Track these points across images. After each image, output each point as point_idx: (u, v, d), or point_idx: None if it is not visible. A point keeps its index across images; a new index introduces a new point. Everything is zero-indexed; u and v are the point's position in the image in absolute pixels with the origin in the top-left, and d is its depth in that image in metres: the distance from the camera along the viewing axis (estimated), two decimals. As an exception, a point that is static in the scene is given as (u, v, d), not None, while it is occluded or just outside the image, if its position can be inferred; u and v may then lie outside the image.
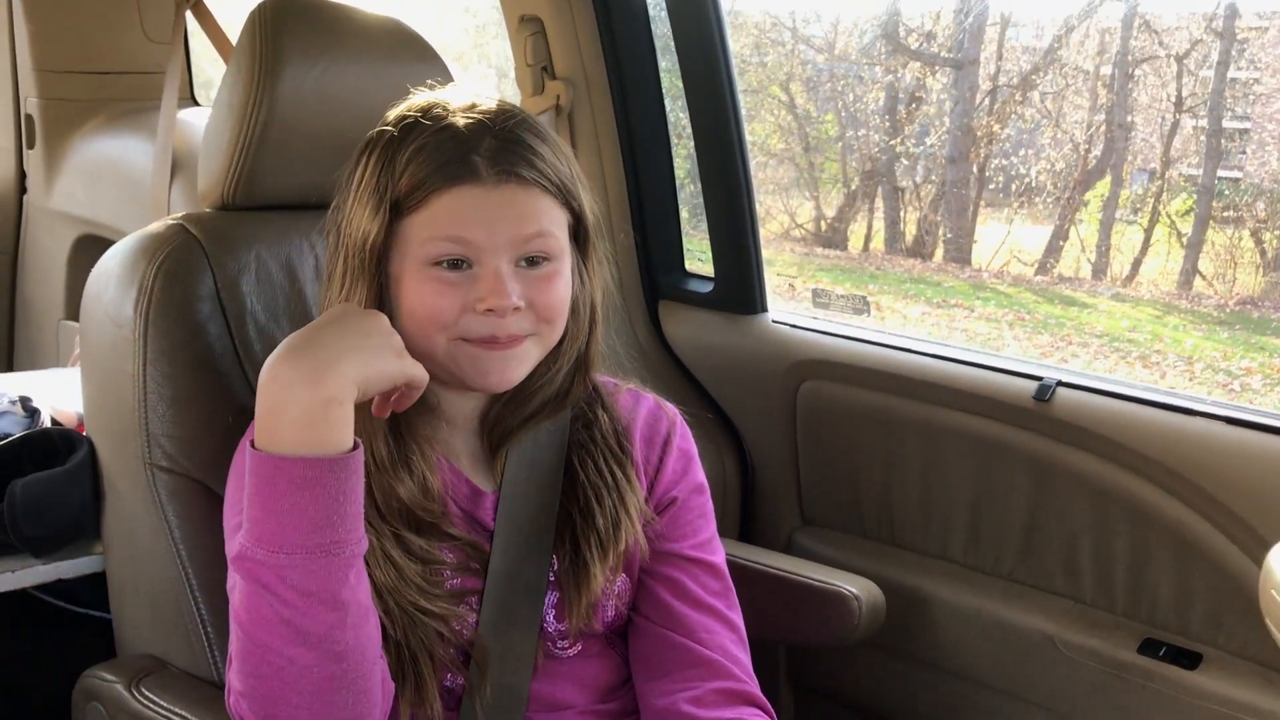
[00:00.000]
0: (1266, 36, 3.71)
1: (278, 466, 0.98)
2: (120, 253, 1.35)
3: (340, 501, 0.99)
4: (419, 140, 1.10)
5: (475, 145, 1.09)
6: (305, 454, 0.98)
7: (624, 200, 2.09)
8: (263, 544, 0.98)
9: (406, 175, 1.09)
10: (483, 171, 1.09)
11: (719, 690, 1.19)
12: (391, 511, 1.12)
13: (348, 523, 1.00)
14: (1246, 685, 1.50)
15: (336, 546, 0.99)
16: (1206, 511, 1.53)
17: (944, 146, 4.23)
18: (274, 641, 0.99)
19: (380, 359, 1.03)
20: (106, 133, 2.59)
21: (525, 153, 1.10)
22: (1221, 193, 3.77)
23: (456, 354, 1.11)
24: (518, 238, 1.10)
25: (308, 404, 0.98)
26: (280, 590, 0.98)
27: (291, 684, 1.00)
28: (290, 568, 0.98)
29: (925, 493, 1.80)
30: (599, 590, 1.17)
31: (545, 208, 1.11)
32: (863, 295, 2.18)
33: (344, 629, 1.00)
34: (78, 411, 1.60)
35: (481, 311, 1.09)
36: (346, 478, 0.99)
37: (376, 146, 1.13)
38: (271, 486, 0.98)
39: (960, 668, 1.75)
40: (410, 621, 1.10)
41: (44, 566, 1.42)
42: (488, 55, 4.31)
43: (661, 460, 1.26)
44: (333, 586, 0.99)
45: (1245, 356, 3.51)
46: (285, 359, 1.00)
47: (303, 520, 0.98)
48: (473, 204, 1.08)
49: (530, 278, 1.11)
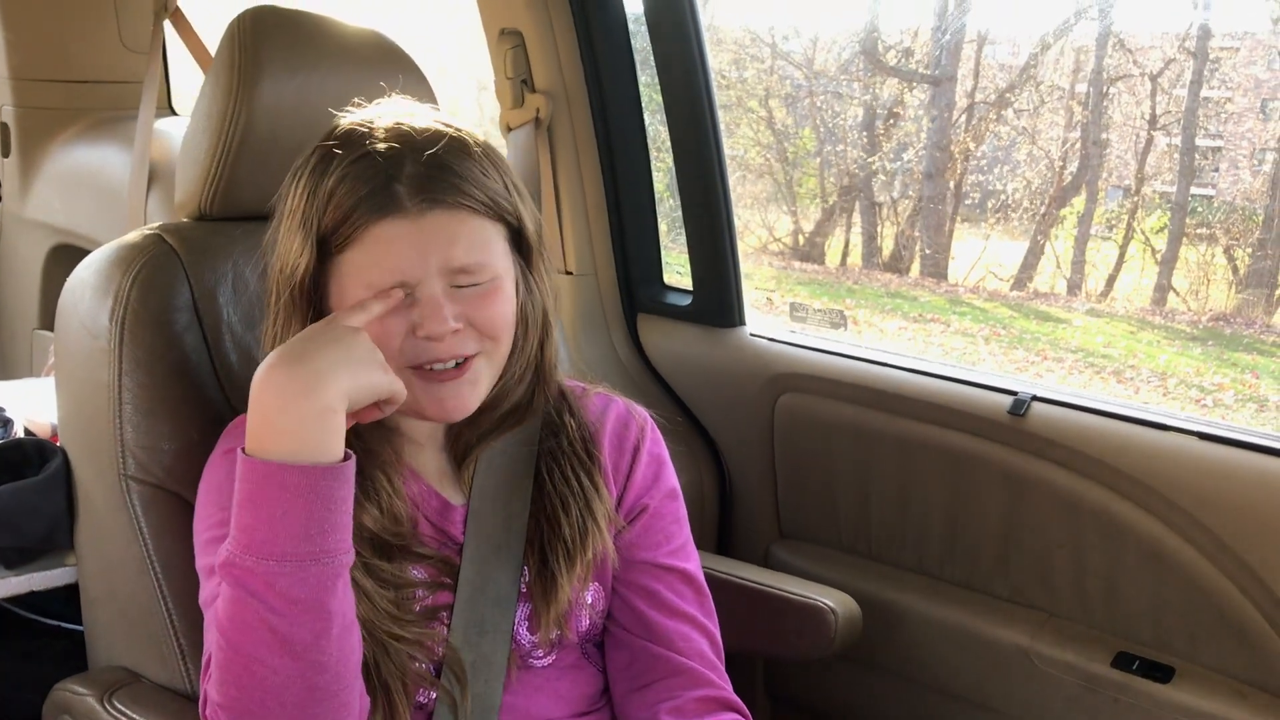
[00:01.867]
0: (1238, 56, 3.75)
1: (270, 473, 0.98)
2: (96, 262, 1.35)
3: (332, 510, 0.99)
4: (340, 170, 1.09)
5: (396, 174, 1.08)
6: (299, 461, 0.98)
7: (603, 213, 2.10)
8: (252, 551, 0.98)
9: (331, 208, 1.08)
10: (405, 202, 1.07)
11: (699, 698, 1.20)
12: (361, 541, 1.10)
13: (338, 532, 1.00)
14: (1219, 698, 1.51)
15: (326, 555, 0.99)
16: (1180, 526, 1.54)
17: (921, 162, 4.25)
18: (258, 649, 0.99)
19: (369, 372, 1.04)
20: (83, 142, 2.58)
21: (448, 177, 1.09)
22: (1195, 210, 3.81)
23: (410, 383, 1.10)
24: (448, 263, 1.09)
25: (303, 412, 0.99)
26: (268, 597, 0.98)
27: (273, 694, 1.00)
28: (280, 574, 0.98)
29: (901, 506, 1.80)
30: (567, 601, 1.17)
31: (474, 228, 1.10)
32: (840, 309, 2.19)
33: (328, 639, 1.00)
34: (52, 422, 1.59)
35: (421, 337, 1.09)
36: (339, 486, 1.00)
37: (303, 173, 1.12)
38: (263, 492, 0.98)
39: (935, 681, 1.76)
40: (382, 650, 1.10)
41: (16, 578, 1.41)
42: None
43: (632, 466, 1.25)
44: (321, 595, 0.99)
45: (1218, 372, 3.55)
46: (280, 368, 1.01)
47: (294, 527, 0.98)
48: (400, 237, 1.07)
49: (467, 297, 1.10)
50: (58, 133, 2.60)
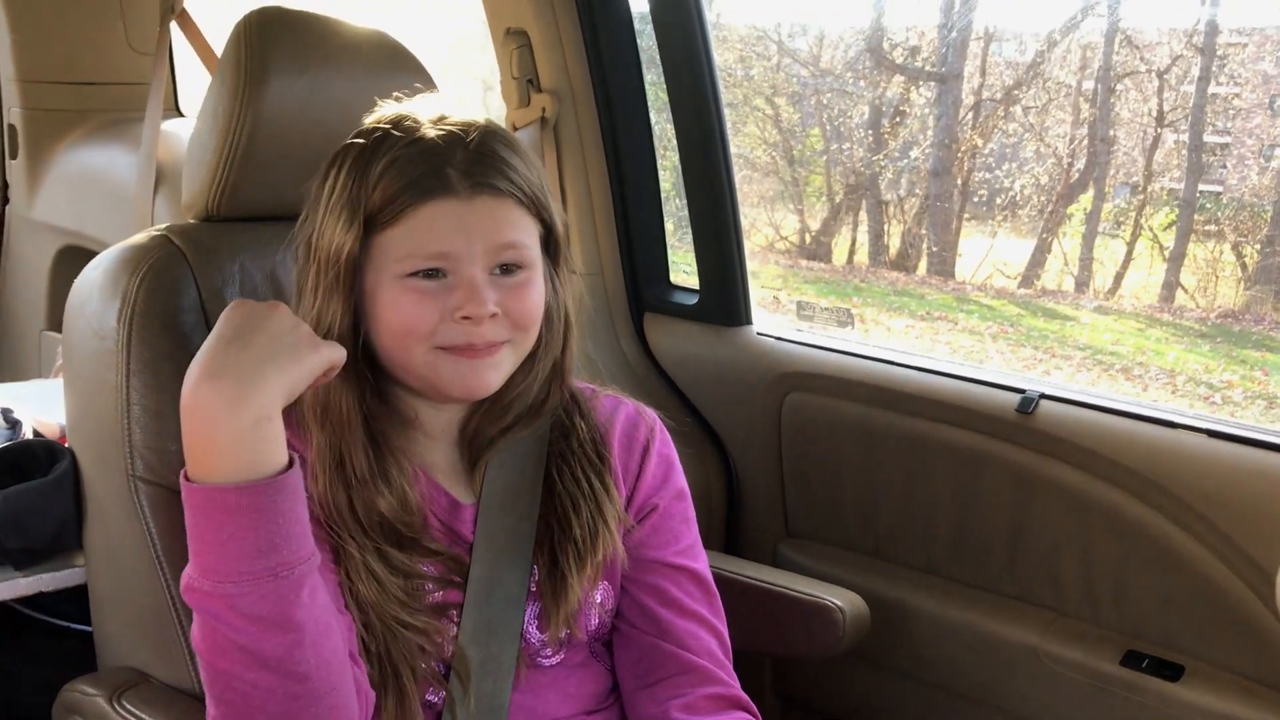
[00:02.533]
0: (1246, 52, 3.74)
1: (210, 497, 0.96)
2: (104, 264, 1.35)
3: (281, 523, 0.97)
4: (391, 154, 1.10)
5: (449, 158, 1.10)
6: (239, 480, 0.96)
7: (609, 213, 2.10)
8: (208, 575, 0.97)
9: (380, 189, 1.09)
10: (456, 184, 1.09)
11: (709, 696, 1.21)
12: (373, 525, 1.11)
13: (292, 543, 0.98)
14: (1229, 697, 1.51)
15: (284, 568, 0.97)
16: (1188, 524, 1.54)
17: (928, 160, 4.25)
18: (233, 668, 0.98)
19: (299, 358, 1.00)
20: (90, 143, 2.58)
21: (498, 164, 1.11)
22: (1203, 206, 3.80)
23: (435, 363, 1.11)
24: (492, 247, 1.11)
25: (235, 429, 0.95)
26: (230, 619, 0.97)
27: (258, 706, 1.00)
28: (238, 596, 0.96)
29: (909, 505, 1.80)
30: (577, 601, 1.18)
31: (518, 218, 1.13)
32: (847, 308, 2.19)
33: (302, 649, 0.99)
34: (60, 423, 1.59)
35: (459, 320, 1.10)
36: (285, 497, 0.97)
37: (347, 160, 1.13)
38: (207, 519, 0.96)
39: (944, 679, 1.75)
40: (391, 635, 1.10)
41: (25, 579, 1.41)
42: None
43: (641, 467, 1.26)
44: (284, 609, 0.97)
45: (1226, 370, 3.54)
46: (204, 383, 0.96)
47: (244, 548, 0.96)
48: (448, 217, 1.09)
49: (505, 285, 1.12)
50: (65, 134, 2.61)
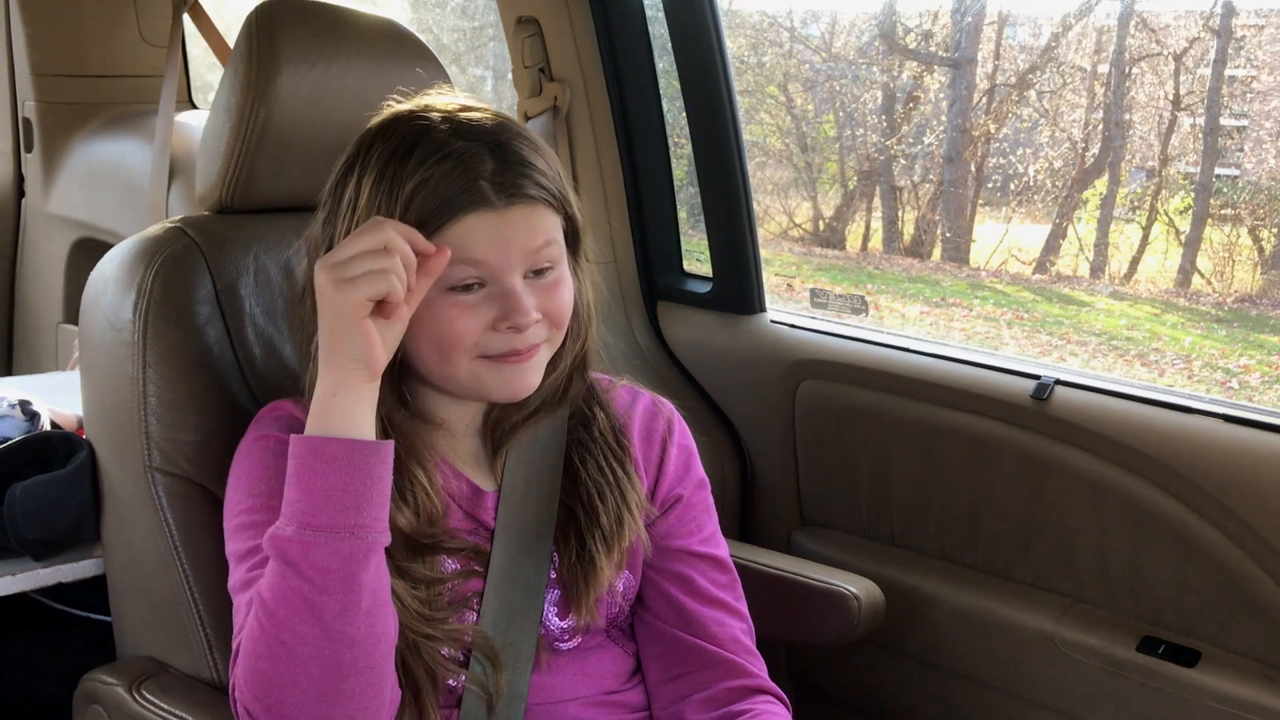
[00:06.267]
0: (1263, 34, 3.71)
1: (313, 446, 1.03)
2: (119, 256, 1.35)
3: (368, 485, 1.03)
4: (422, 171, 1.09)
5: (480, 170, 1.09)
6: (339, 435, 1.03)
7: (622, 201, 2.09)
8: (294, 522, 1.02)
9: (414, 207, 1.08)
10: (491, 196, 1.09)
11: (733, 688, 1.23)
12: (393, 542, 1.11)
13: (374, 510, 1.03)
14: (1246, 682, 1.51)
15: (361, 529, 1.02)
16: (1204, 509, 1.53)
17: (942, 146, 4.23)
18: (290, 617, 1.01)
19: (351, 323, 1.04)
20: (104, 136, 2.59)
21: (527, 170, 1.11)
22: (1219, 190, 3.78)
23: (479, 371, 1.13)
24: (529, 252, 1.11)
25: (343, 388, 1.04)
26: (303, 566, 1.01)
27: (300, 666, 1.01)
28: (315, 545, 1.01)
29: (924, 492, 1.80)
30: (605, 585, 1.20)
31: (548, 221, 1.13)
32: (861, 295, 2.19)
33: (356, 612, 1.02)
34: (77, 415, 1.60)
35: (504, 330, 1.11)
36: (376, 463, 1.03)
37: (370, 166, 1.11)
38: (305, 466, 1.03)
39: (959, 666, 1.75)
40: (414, 651, 1.12)
41: (44, 570, 1.42)
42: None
43: (663, 458, 1.28)
44: (352, 570, 1.01)
45: (1243, 354, 3.52)
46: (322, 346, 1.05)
47: (330, 499, 1.02)
48: (485, 229, 1.09)
49: (540, 287, 1.13)
50: (79, 128, 2.62)
